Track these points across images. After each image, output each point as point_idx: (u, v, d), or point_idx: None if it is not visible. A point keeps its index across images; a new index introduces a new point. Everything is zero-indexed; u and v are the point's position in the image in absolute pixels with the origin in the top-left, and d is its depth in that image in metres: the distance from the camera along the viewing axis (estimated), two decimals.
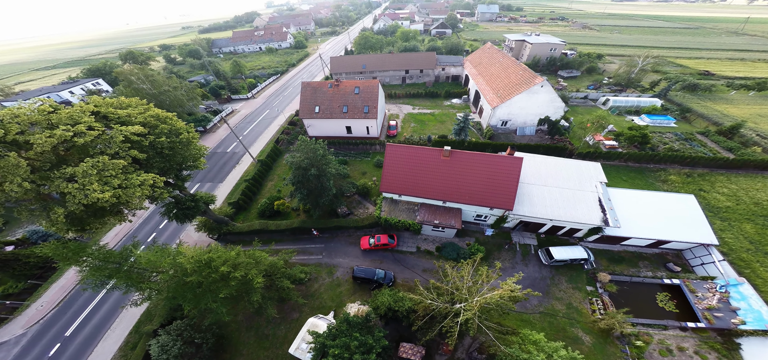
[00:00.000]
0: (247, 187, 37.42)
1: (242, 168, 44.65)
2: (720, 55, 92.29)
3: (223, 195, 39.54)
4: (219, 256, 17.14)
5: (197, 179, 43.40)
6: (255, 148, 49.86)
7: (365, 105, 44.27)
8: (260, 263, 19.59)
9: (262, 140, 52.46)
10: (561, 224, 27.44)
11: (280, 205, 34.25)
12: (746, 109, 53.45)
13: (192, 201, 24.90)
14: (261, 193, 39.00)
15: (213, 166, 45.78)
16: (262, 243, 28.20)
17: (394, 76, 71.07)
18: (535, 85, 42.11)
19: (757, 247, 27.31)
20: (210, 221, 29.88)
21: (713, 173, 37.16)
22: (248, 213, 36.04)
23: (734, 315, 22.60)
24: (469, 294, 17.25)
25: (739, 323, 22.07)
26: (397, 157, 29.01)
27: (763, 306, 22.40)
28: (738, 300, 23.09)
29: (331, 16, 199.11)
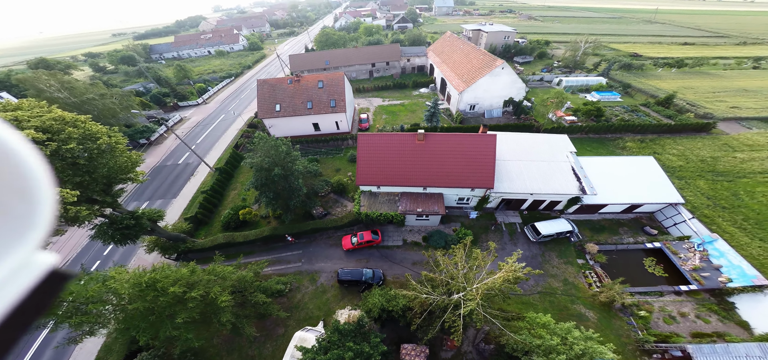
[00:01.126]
0: (205, 200, 32.82)
1: (198, 179, 39.45)
2: (642, 40, 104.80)
3: (178, 210, 34.51)
4: (166, 276, 14.35)
5: (145, 196, 37.52)
6: (212, 157, 44.53)
7: (331, 99, 41.66)
8: (226, 279, 16.94)
9: (219, 147, 47.12)
10: (541, 197, 27.67)
11: (246, 214, 30.43)
12: (672, 83, 60.41)
13: (132, 219, 20.52)
14: (223, 204, 34.68)
15: (163, 181, 39.97)
16: (227, 258, 25.06)
17: (360, 70, 69.11)
18: (496, 67, 43.12)
19: (714, 202, 29.83)
20: (163, 240, 25.51)
21: (661, 138, 40.85)
22: (211, 227, 31.73)
23: (719, 273, 23.08)
24: (467, 281, 15.90)
25: (726, 281, 22.39)
26: (370, 147, 27.15)
27: (742, 260, 23.19)
28: (717, 257, 23.95)
29: (288, 17, 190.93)
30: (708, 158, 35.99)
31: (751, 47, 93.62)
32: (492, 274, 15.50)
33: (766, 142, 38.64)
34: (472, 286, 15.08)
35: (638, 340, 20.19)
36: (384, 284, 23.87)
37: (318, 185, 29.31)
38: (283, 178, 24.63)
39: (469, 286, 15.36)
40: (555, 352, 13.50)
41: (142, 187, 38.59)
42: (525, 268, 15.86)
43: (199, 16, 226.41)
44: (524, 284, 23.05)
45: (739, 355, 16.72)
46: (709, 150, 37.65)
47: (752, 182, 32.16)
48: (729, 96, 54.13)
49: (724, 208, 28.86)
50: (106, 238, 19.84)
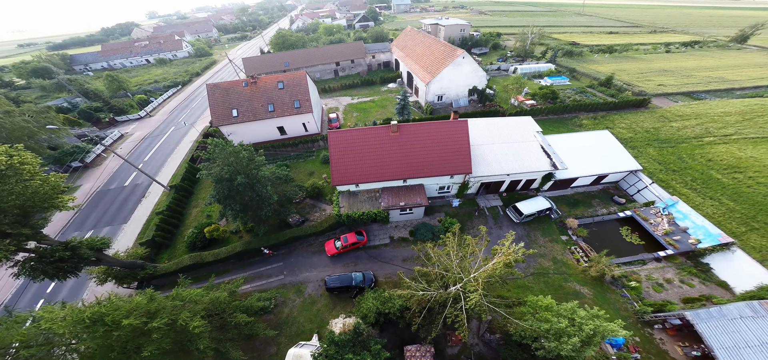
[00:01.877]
0: (162, 221, 28.73)
1: (152, 200, 34.54)
2: (576, 30, 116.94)
3: (131, 235, 30.10)
4: (115, 308, 12.42)
5: (88, 224, 32.09)
6: (165, 174, 39.34)
7: (295, 100, 39.20)
8: (197, 303, 15.20)
9: (172, 163, 41.82)
10: (517, 177, 28.56)
11: (213, 232, 27.14)
12: (608, 67, 67.53)
13: (66, 251, 16.92)
14: (185, 224, 30.74)
15: (109, 206, 34.41)
16: (197, 280, 22.98)
17: (324, 70, 66.65)
18: (458, 57, 44.47)
19: (665, 166, 33.13)
20: (116, 269, 21.98)
21: (609, 114, 45.07)
22: (174, 249, 28.00)
23: (688, 235, 23.88)
24: (463, 271, 15.18)
25: (696, 243, 23.10)
26: (343, 144, 25.81)
27: (704, 221, 24.39)
28: (682, 219, 25.21)
29: (238, 21, 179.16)
30: (651, 129, 40.46)
31: (661, 34, 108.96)
32: (488, 260, 14.85)
33: (691, 113, 44.70)
34: (469, 276, 14.38)
35: (637, 312, 20.25)
36: (376, 286, 22.61)
37: (290, 191, 27.12)
38: (249, 187, 22.44)
39: (466, 275, 14.66)
40: (566, 335, 12.98)
41: (83, 215, 33.15)
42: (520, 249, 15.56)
43: (130, 23, 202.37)
44: (518, 267, 23.08)
45: (734, 316, 17.13)
46: (650, 122, 42.36)
47: (690, 146, 36.73)
48: (654, 75, 61.93)
49: (674, 171, 32.29)
50: (36, 274, 16.43)
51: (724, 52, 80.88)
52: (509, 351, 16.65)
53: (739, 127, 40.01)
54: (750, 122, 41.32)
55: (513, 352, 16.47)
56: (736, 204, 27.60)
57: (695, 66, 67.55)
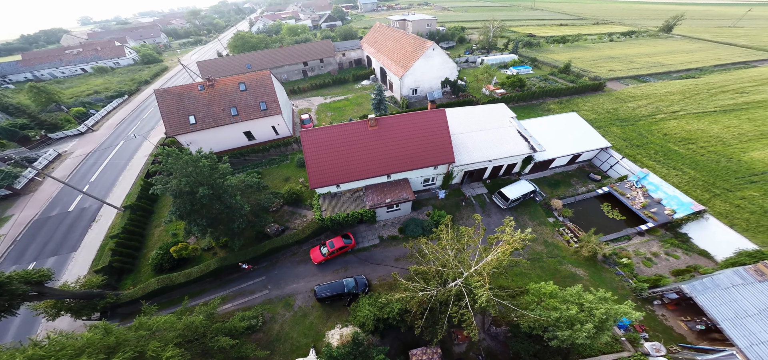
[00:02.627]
0: (118, 245, 25.17)
1: (104, 224, 30.08)
2: (531, 23, 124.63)
3: (84, 264, 26.10)
4: (60, 348, 11.07)
5: (27, 255, 27.36)
6: (117, 194, 34.47)
7: (260, 101, 36.38)
8: (168, 330, 13.73)
9: (124, 181, 36.80)
10: (499, 163, 28.87)
11: (182, 251, 24.05)
12: (564, 55, 72.18)
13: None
14: (148, 245, 27.29)
15: (51, 235, 29.46)
16: (169, 304, 21.18)
17: (291, 71, 63.39)
18: (428, 48, 44.64)
19: (629, 143, 35.50)
20: (67, 302, 18.90)
21: (572, 98, 47.93)
22: (138, 273, 24.74)
23: (663, 206, 24.43)
24: (462, 264, 14.24)
25: (671, 213, 23.61)
26: (318, 144, 24.29)
27: (675, 190, 25.37)
28: (654, 190, 26.06)
29: (190, 25, 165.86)
30: (611, 110, 43.55)
31: (603, 26, 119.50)
32: (488, 251, 13.97)
33: (641, 94, 49.00)
34: (470, 270, 13.41)
35: (634, 289, 20.29)
36: (371, 291, 21.31)
37: (265, 200, 24.86)
38: (215, 199, 20.31)
39: (466, 269, 13.73)
40: (579, 323, 12.34)
41: (20, 246, 28.30)
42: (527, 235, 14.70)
43: (58, 30, 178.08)
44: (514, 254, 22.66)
45: (726, 285, 17.32)
46: (609, 103, 45.65)
47: (646, 123, 39.95)
48: (604, 62, 67.32)
49: (637, 146, 34.75)
50: None
51: (655, 40, 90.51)
52: (520, 343, 16.00)
53: (683, 104, 44.54)
54: (690, 100, 46.21)
55: (523, 344, 15.84)
56: (696, 172, 30.17)
57: (636, 53, 74.63)
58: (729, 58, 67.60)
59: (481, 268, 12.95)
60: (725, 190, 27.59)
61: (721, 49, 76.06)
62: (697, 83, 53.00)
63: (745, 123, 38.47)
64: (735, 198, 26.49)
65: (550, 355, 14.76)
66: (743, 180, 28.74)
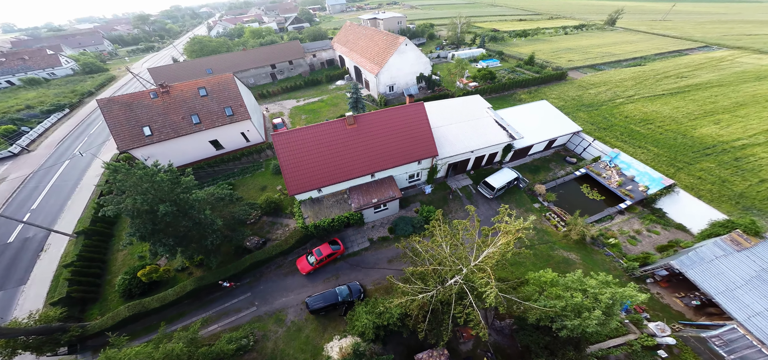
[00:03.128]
0: (75, 273, 22.32)
1: (55, 252, 26.35)
2: (493, 18, 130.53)
3: (37, 296, 23.07)
4: None
5: None
6: (66, 219, 30.15)
7: (225, 107, 33.67)
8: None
9: (74, 205, 32.29)
10: (481, 153, 29.19)
11: (151, 273, 21.58)
12: (527, 48, 75.79)
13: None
14: (112, 270, 24.44)
15: None
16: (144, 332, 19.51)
17: (258, 74, 59.97)
18: (400, 44, 44.55)
19: (596, 126, 37.56)
20: (24, 340, 16.67)
21: (540, 88, 50.21)
22: (105, 301, 22.09)
23: (636, 183, 25.17)
24: (460, 260, 13.50)
25: (645, 190, 24.27)
26: (293, 147, 22.90)
27: (645, 167, 26.47)
28: (627, 168, 27.07)
29: (139, 31, 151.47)
30: (575, 96, 46.21)
31: (557, 20, 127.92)
32: (486, 243, 13.22)
33: (599, 81, 52.65)
34: (470, 265, 12.69)
35: (626, 269, 20.39)
36: (366, 297, 20.29)
37: (240, 212, 22.89)
38: (181, 216, 18.48)
39: (466, 265, 12.99)
40: (586, 310, 11.97)
41: None
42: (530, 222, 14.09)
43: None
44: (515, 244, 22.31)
45: (710, 258, 17.62)
46: (573, 91, 48.43)
47: (608, 108, 42.77)
48: (563, 53, 71.70)
49: (604, 129, 36.89)
50: None
51: (602, 32, 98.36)
52: (528, 336, 15.61)
53: (636, 89, 48.51)
54: (641, 85, 50.49)
55: (532, 336, 15.43)
56: (658, 149, 32.56)
57: (588, 44, 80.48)
58: (665, 47, 75.13)
59: (482, 263, 12.28)
60: (686, 163, 30.04)
61: (658, 40, 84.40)
62: (644, 70, 58.14)
63: (689, 103, 42.70)
64: (696, 170, 28.87)
65: (561, 345, 14.35)
66: (699, 154, 31.56)
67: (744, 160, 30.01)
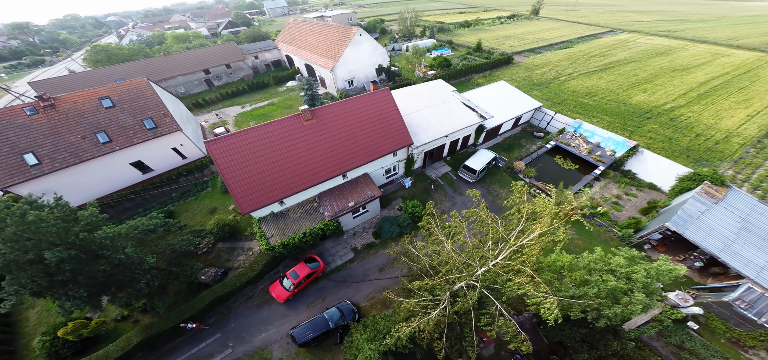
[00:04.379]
0: None
1: None
2: (437, 12, 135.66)
3: None
4: None
5: None
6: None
7: (144, 118, 27.12)
8: None
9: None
10: (455, 136, 28.06)
11: (78, 330, 16.57)
12: (472, 37, 79.19)
13: None
14: (24, 332, 18.78)
15: None
16: None
17: (190, 82, 51.33)
18: (355, 34, 41.95)
19: (551, 102, 39.42)
20: None
21: (493, 71, 51.98)
22: None
23: (603, 148, 25.69)
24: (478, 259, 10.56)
25: (612, 154, 24.82)
26: (236, 154, 18.46)
27: (608, 132, 27.52)
28: (591, 136, 27.95)
29: (20, 44, 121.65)
30: (525, 77, 48.67)
31: (492, 12, 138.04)
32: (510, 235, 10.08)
33: (542, 62, 56.59)
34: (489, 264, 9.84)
35: (622, 238, 19.94)
36: (361, 317, 17.17)
37: (182, 243, 17.95)
38: (90, 260, 13.82)
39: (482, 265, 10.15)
40: (626, 296, 10.27)
41: None
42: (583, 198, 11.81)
43: None
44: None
45: (695, 215, 17.45)
46: (522, 73, 51.03)
47: (556, 85, 45.67)
48: (504, 40, 76.36)
49: (558, 104, 38.94)
50: None
51: (530, 21, 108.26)
52: (559, 331, 13.75)
53: (573, 68, 53.13)
54: (575, 64, 55.57)
55: (565, 330, 13.60)
56: (609, 117, 35.23)
57: (523, 32, 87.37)
58: (582, 32, 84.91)
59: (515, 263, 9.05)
60: (636, 127, 32.88)
61: (575, 26, 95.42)
62: (573, 51, 64.52)
63: (618, 77, 47.99)
64: (645, 132, 31.69)
65: (600, 335, 12.69)
66: (642, 118, 34.96)
67: (677, 120, 34.10)
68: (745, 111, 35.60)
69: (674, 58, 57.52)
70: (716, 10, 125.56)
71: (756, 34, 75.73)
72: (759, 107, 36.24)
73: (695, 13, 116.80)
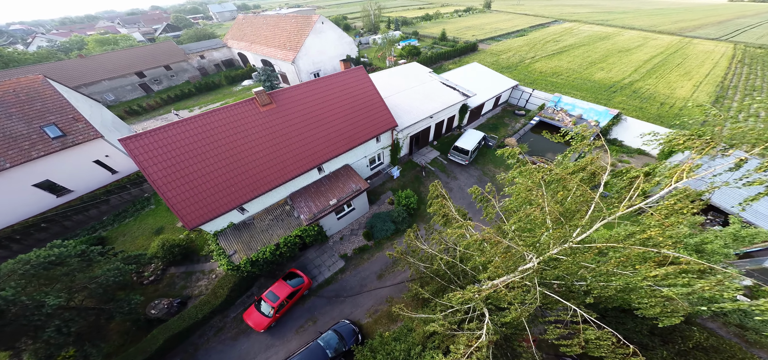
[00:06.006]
0: None
1: None
2: (399, 8, 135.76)
3: None
4: None
5: None
6: None
7: (45, 125, 20.80)
8: None
9: None
10: (440, 117, 26.05)
11: None
12: (435, 29, 79.57)
13: None
14: None
15: None
16: None
17: (120, 87, 42.93)
18: (315, 22, 38.40)
19: (523, 82, 39.19)
20: None
21: (461, 58, 51.80)
22: None
23: (585, 120, 25.55)
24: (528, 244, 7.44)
25: (597, 123, 24.58)
26: (170, 155, 14.00)
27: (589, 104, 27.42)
28: (572, 108, 27.63)
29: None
30: (492, 62, 49.00)
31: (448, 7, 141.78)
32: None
33: (505, 48, 58.01)
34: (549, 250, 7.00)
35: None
36: (364, 337, 13.98)
37: (108, 275, 13.25)
38: None
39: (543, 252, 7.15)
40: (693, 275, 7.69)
41: None
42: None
43: None
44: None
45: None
46: (489, 58, 51.43)
47: (523, 67, 46.63)
48: (464, 30, 77.74)
49: (530, 83, 39.11)
50: None
51: (485, 14, 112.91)
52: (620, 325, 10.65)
53: (534, 52, 55.29)
54: (534, 49, 57.84)
55: (628, 324, 10.78)
56: (580, 92, 36.11)
57: (480, 23, 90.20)
58: (531, 23, 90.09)
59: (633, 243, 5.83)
60: (607, 100, 34.08)
61: (524, 18, 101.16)
62: (529, 38, 67.53)
63: (575, 59, 50.68)
64: (616, 104, 32.87)
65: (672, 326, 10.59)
66: (609, 92, 36.68)
67: (639, 92, 36.32)
68: (690, 82, 39.22)
69: (615, 42, 62.83)
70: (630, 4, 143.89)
71: (668, 22, 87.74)
72: (699, 79, 40.33)
73: (616, 7, 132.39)
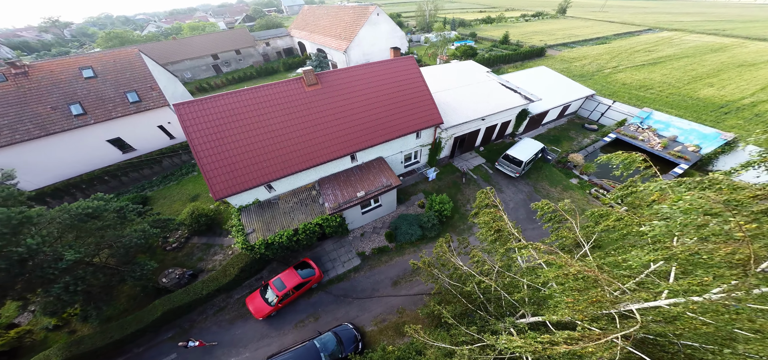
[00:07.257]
0: None
1: None
2: (455, 10, 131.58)
3: None
4: None
5: None
6: None
7: (128, 91, 23.56)
8: None
9: None
10: (493, 121, 22.75)
11: None
12: (497, 32, 73.80)
13: None
14: None
15: None
16: None
17: (196, 66, 48.75)
18: (371, 14, 38.13)
19: (600, 93, 33.10)
20: None
21: (524, 62, 46.70)
22: None
23: (680, 143, 21.27)
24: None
25: (696, 149, 20.36)
26: (215, 123, 13.92)
27: (690, 123, 22.29)
28: (664, 128, 22.87)
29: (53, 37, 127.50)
30: (563, 69, 42.91)
31: (513, 11, 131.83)
32: None
33: (580, 55, 50.61)
34: None
35: None
36: (364, 347, 12.12)
37: (131, 237, 13.51)
38: None
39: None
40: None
41: None
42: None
43: None
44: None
45: None
46: (558, 65, 45.28)
47: (600, 77, 39.86)
48: (531, 35, 70.51)
49: (609, 95, 32.69)
50: None
51: (557, 20, 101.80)
52: None
53: (617, 62, 47.09)
54: (618, 58, 49.35)
55: None
56: (677, 111, 29.03)
57: (551, 28, 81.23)
58: (617, 30, 77.94)
59: None
60: (715, 122, 26.57)
61: (608, 25, 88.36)
62: (612, 47, 58.03)
63: (673, 72, 41.46)
64: (727, 128, 25.17)
65: None
66: (719, 113, 28.77)
67: (764, 116, 27.65)
68: None
69: (734, 55, 50.20)
70: (762, 13, 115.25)
71: None
72: None
73: (738, 15, 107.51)
